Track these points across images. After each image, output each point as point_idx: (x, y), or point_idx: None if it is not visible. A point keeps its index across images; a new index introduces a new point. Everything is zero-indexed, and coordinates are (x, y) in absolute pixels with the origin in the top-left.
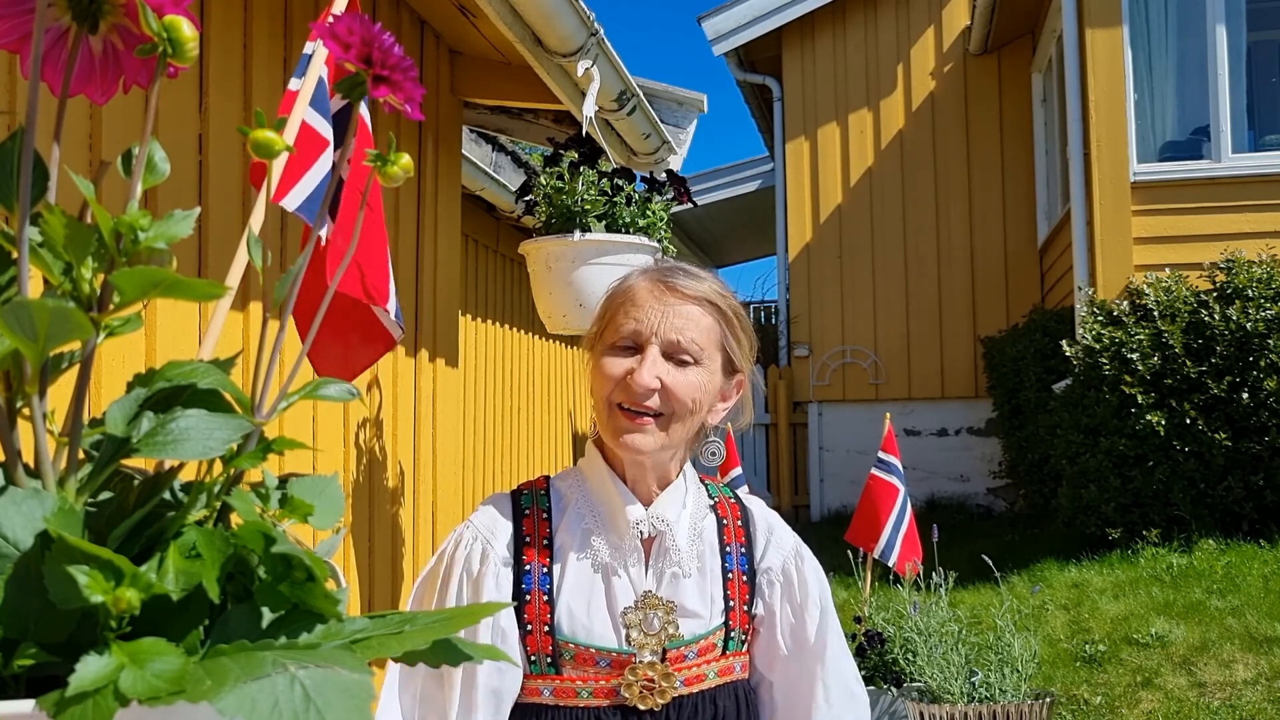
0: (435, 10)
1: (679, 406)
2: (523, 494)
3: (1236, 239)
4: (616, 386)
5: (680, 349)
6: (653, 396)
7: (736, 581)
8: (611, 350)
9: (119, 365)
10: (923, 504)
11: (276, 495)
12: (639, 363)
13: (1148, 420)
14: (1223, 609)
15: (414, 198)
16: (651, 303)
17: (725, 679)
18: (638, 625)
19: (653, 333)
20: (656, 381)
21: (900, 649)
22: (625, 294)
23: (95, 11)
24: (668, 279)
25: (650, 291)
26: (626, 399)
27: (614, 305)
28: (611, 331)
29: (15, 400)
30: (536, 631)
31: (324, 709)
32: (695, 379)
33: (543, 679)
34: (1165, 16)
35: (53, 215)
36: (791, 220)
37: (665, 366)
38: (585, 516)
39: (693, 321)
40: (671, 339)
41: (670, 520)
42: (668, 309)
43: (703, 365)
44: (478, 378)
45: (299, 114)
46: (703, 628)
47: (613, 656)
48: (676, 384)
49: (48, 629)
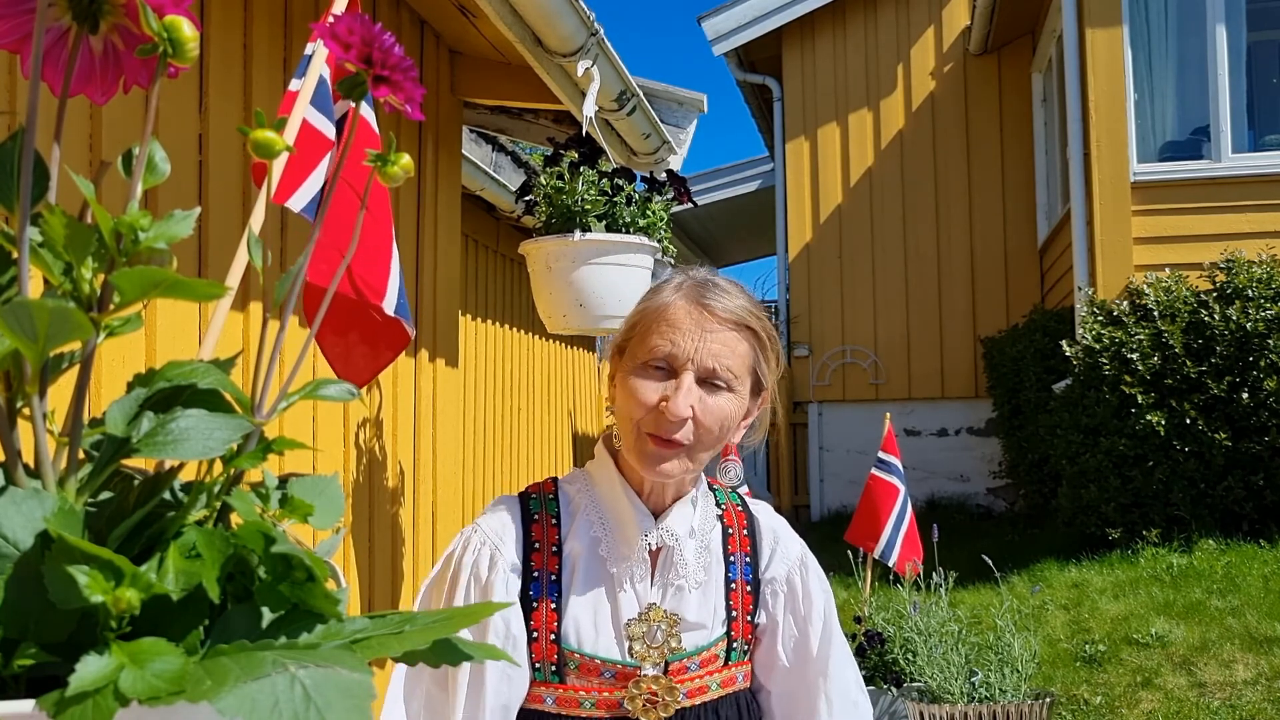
0: (435, 10)
1: (706, 435)
2: (531, 498)
3: (1236, 239)
4: (648, 414)
5: (715, 375)
6: (684, 426)
7: (740, 591)
8: (643, 370)
9: (119, 365)
10: (923, 504)
11: (276, 495)
12: (674, 390)
13: (1148, 420)
14: (1223, 609)
15: (414, 198)
16: (689, 326)
17: (728, 690)
18: (640, 638)
19: (689, 359)
20: (690, 411)
21: (900, 649)
22: (660, 312)
23: (95, 11)
24: (706, 300)
25: (688, 313)
26: (655, 428)
27: (647, 321)
28: (644, 350)
29: (15, 400)
30: (543, 639)
31: (324, 709)
32: (726, 406)
33: (546, 687)
34: (1165, 16)
35: (53, 215)
36: (791, 220)
37: (698, 393)
38: (594, 524)
39: (729, 349)
40: (708, 366)
41: (679, 534)
42: (705, 334)
43: (735, 392)
44: (478, 378)
45: (299, 114)
46: (705, 639)
47: (617, 668)
48: (707, 412)
49: (48, 629)
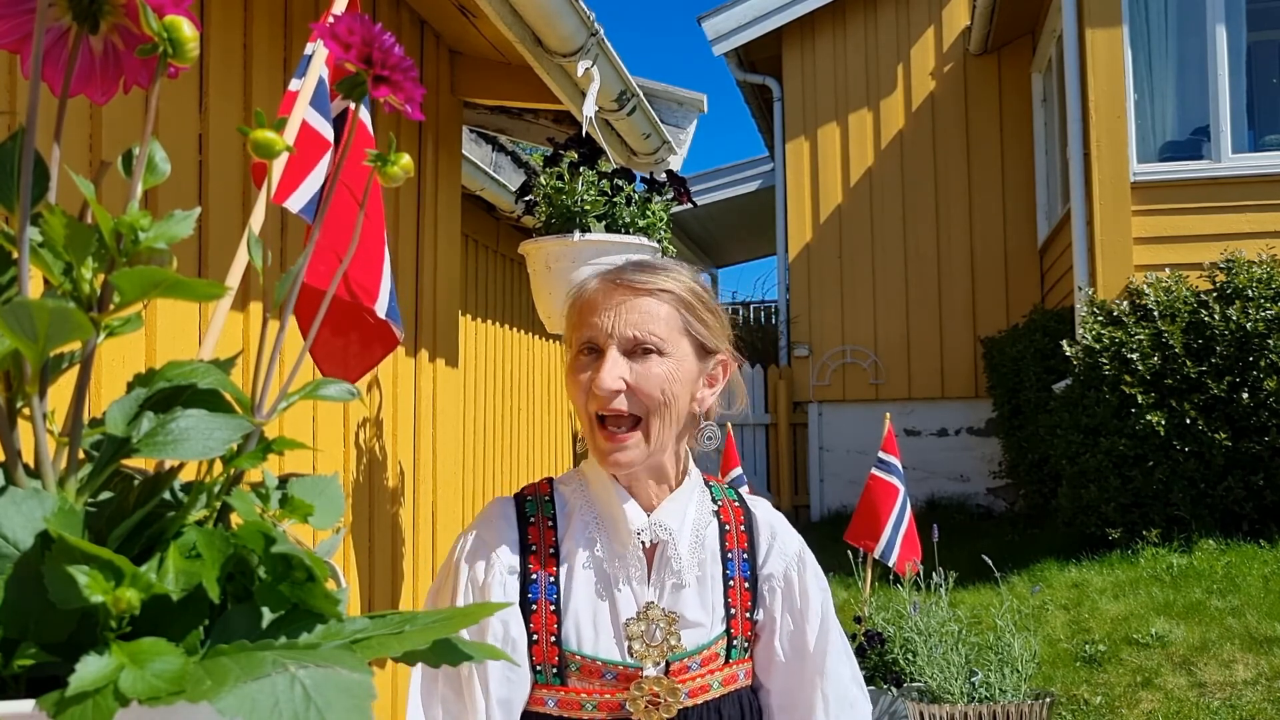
0: (435, 10)
1: (650, 402)
2: (526, 500)
3: (1236, 239)
4: (588, 396)
5: (639, 343)
6: (618, 398)
7: (738, 588)
8: (576, 359)
9: (119, 365)
10: (923, 504)
11: (276, 495)
12: (599, 367)
13: (1148, 420)
14: (1223, 609)
15: (414, 198)
16: (604, 304)
17: (730, 688)
18: (640, 637)
19: (608, 334)
20: (620, 382)
21: (900, 649)
22: (581, 301)
23: (96, 11)
24: (620, 277)
25: (603, 292)
26: (599, 406)
27: (574, 312)
28: (576, 339)
29: (15, 400)
30: (543, 642)
31: (324, 709)
32: (661, 370)
33: (548, 689)
34: (1165, 16)
35: (53, 215)
36: (791, 220)
37: (627, 365)
38: (589, 524)
39: (648, 314)
40: (628, 335)
41: (672, 528)
42: (620, 307)
43: (667, 355)
44: (478, 378)
45: (299, 114)
46: (704, 637)
47: (618, 669)
48: (641, 380)
49: (48, 629)
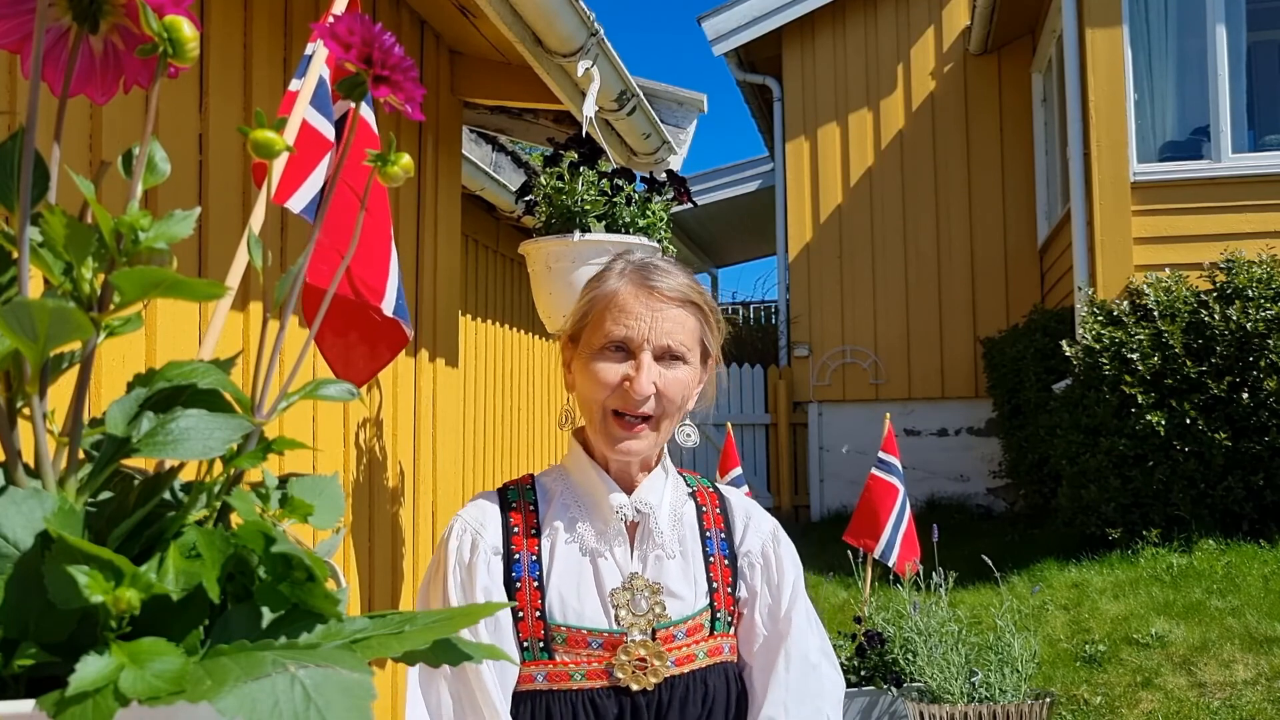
0: (435, 10)
1: (669, 406)
2: (509, 489)
3: (1236, 239)
4: (613, 393)
5: (671, 351)
6: (649, 401)
7: (719, 565)
8: (601, 354)
9: (119, 365)
10: (923, 504)
11: (276, 495)
12: (635, 370)
13: (1148, 420)
14: (1223, 609)
15: (414, 198)
16: (639, 309)
17: (715, 659)
18: (626, 605)
19: (644, 339)
20: (653, 388)
21: (900, 649)
22: (610, 298)
23: (96, 11)
24: (651, 281)
25: (636, 296)
26: (623, 406)
27: (599, 308)
28: (599, 335)
29: (15, 400)
30: (528, 618)
31: (324, 709)
32: (684, 377)
33: (536, 664)
34: (1165, 16)
35: (53, 215)
36: (791, 220)
37: (657, 370)
38: (570, 506)
39: (680, 324)
40: (663, 344)
41: (652, 504)
42: (656, 314)
43: (689, 364)
44: (478, 378)
45: (299, 114)
46: (688, 609)
47: (604, 637)
48: (668, 385)
49: (48, 629)
